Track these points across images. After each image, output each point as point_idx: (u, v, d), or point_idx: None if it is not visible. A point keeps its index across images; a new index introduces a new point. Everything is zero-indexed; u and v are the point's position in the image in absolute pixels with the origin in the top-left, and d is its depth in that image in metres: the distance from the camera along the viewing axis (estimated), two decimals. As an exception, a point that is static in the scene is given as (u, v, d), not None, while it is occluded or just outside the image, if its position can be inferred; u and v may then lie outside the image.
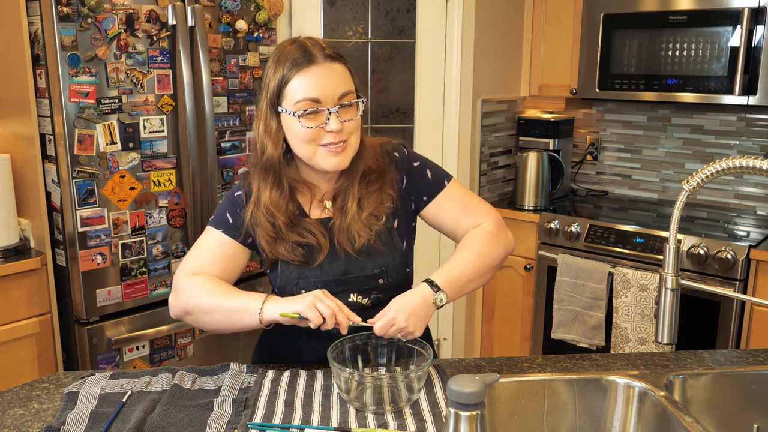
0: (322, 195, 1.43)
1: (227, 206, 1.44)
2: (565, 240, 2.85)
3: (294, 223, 1.37)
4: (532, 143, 3.29)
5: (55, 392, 1.31)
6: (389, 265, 1.41)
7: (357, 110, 1.34)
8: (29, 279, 2.20)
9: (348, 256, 1.38)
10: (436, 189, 1.46)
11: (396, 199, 1.43)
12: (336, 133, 1.30)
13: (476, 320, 3.30)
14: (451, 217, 1.47)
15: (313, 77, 1.29)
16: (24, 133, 2.21)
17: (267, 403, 1.24)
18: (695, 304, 2.53)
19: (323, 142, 1.31)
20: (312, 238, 1.37)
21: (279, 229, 1.36)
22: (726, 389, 1.39)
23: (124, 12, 2.17)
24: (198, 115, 2.35)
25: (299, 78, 1.29)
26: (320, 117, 1.30)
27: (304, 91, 1.29)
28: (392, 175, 1.43)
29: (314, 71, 1.29)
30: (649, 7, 2.78)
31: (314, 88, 1.28)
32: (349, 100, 1.32)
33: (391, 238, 1.42)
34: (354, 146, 1.36)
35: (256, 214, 1.37)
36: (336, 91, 1.30)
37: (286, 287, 1.40)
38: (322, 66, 1.30)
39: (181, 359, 2.46)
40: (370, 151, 1.41)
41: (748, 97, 2.58)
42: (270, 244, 1.37)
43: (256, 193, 1.39)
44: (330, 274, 1.38)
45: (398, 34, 2.98)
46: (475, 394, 0.89)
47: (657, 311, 1.27)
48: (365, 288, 1.40)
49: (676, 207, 1.22)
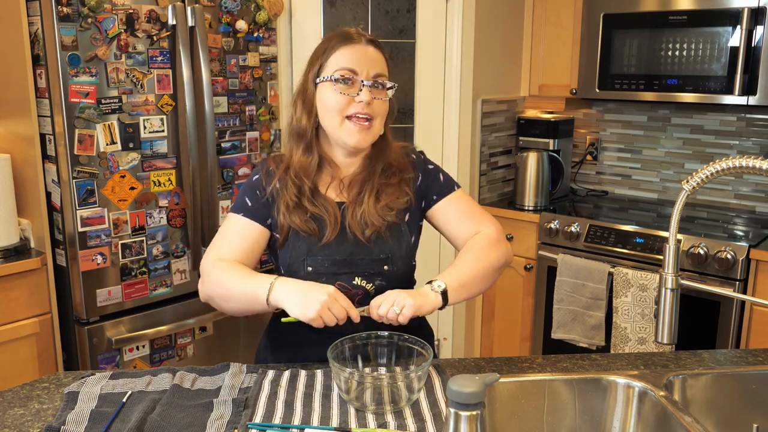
0: (342, 178, 1.49)
1: (246, 191, 1.50)
2: (565, 240, 2.85)
3: (315, 194, 1.45)
4: (532, 143, 3.29)
5: (55, 392, 1.31)
6: (395, 254, 1.45)
7: (387, 95, 1.44)
8: (29, 279, 2.20)
9: (357, 240, 1.43)
10: (446, 191, 1.54)
11: (411, 195, 1.50)
12: (365, 104, 1.39)
13: (476, 320, 3.30)
14: (455, 219, 1.53)
15: (353, 51, 1.42)
16: (24, 133, 2.21)
17: (267, 403, 1.24)
18: (695, 304, 2.53)
19: (350, 113, 1.40)
20: (326, 214, 1.43)
21: (302, 194, 1.43)
22: (726, 389, 1.39)
23: (124, 12, 2.17)
24: (198, 115, 2.35)
25: (340, 51, 1.42)
26: (354, 87, 1.40)
27: (343, 61, 1.41)
28: (410, 173, 1.51)
29: (355, 47, 1.42)
30: (649, 7, 2.78)
31: (353, 59, 1.41)
32: (383, 80, 1.43)
33: (400, 229, 1.47)
34: (377, 130, 1.45)
35: (284, 180, 1.45)
36: (372, 69, 1.41)
37: (294, 263, 1.44)
38: (363, 46, 1.43)
39: (181, 359, 2.46)
40: (394, 150, 1.51)
41: (748, 97, 2.59)
42: (289, 210, 1.43)
43: (286, 161, 1.48)
44: (337, 254, 1.43)
45: (398, 34, 2.98)
46: (475, 394, 0.89)
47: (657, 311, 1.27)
48: (370, 272, 1.43)
49: (676, 207, 1.22)
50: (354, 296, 1.41)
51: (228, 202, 2.52)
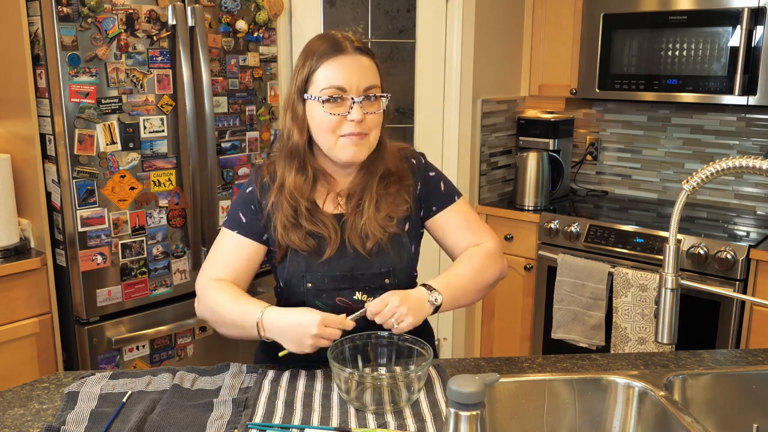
0: (339, 190, 1.44)
1: (240, 205, 1.45)
2: (565, 240, 2.85)
3: (312, 211, 1.39)
4: (532, 143, 3.29)
5: (55, 392, 1.31)
6: (397, 266, 1.42)
7: (380, 105, 1.37)
8: (29, 279, 2.20)
9: (357, 254, 1.40)
10: (447, 202, 1.50)
11: (411, 203, 1.45)
12: (357, 123, 1.33)
13: (476, 320, 3.30)
14: (454, 231, 1.50)
15: (340, 66, 1.32)
16: (24, 133, 2.21)
17: (267, 403, 1.24)
18: (695, 304, 2.53)
19: (343, 133, 1.34)
20: (324, 230, 1.39)
21: (299, 215, 1.38)
22: (726, 389, 1.39)
23: (124, 12, 2.17)
24: (198, 115, 2.35)
25: (327, 66, 1.33)
26: (344, 105, 1.33)
27: (330, 78, 1.32)
28: (409, 180, 1.46)
29: (342, 60, 1.33)
30: (649, 7, 2.78)
31: (340, 76, 1.32)
32: (374, 93, 1.35)
33: (401, 240, 1.44)
34: (372, 142, 1.38)
35: (279, 199, 1.39)
36: (361, 83, 1.33)
37: (293, 279, 1.41)
38: (351, 57, 1.34)
39: (181, 359, 2.46)
40: (390, 155, 1.45)
41: (748, 97, 2.58)
42: (286, 229, 1.38)
43: (280, 179, 1.41)
44: (337, 269, 1.39)
45: (398, 34, 2.98)
46: (475, 394, 0.89)
47: (657, 311, 1.27)
48: (371, 287, 1.41)
49: (676, 207, 1.22)
50: (354, 311, 1.36)
51: (228, 202, 2.52)
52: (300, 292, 1.40)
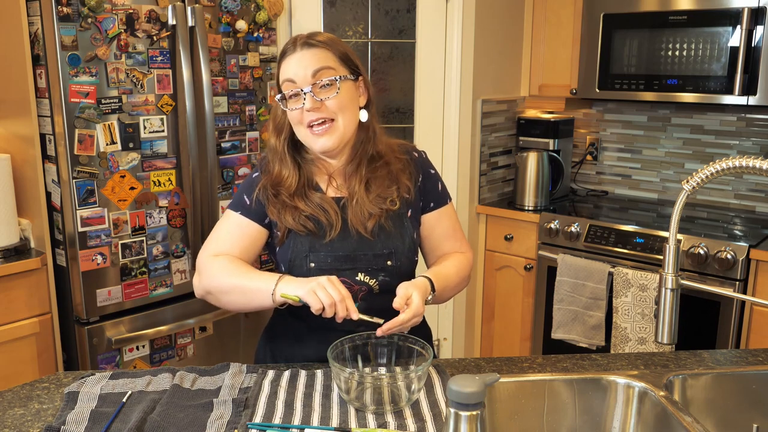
0: (332, 172, 1.48)
1: (245, 189, 1.49)
2: (565, 240, 2.85)
3: (300, 194, 1.44)
4: (532, 143, 3.29)
5: (55, 392, 1.31)
6: (399, 249, 1.44)
7: (338, 88, 1.38)
8: (29, 279, 2.20)
9: (360, 236, 1.43)
10: (442, 201, 1.55)
11: (412, 189, 1.49)
12: (314, 111, 1.37)
13: (476, 320, 3.30)
14: (441, 233, 1.55)
15: (289, 61, 1.39)
16: (24, 133, 2.21)
17: (267, 403, 1.24)
18: (695, 304, 2.53)
19: (308, 123, 1.39)
20: (323, 214, 1.42)
21: (284, 200, 1.43)
22: (726, 389, 1.39)
23: (124, 12, 2.17)
24: (198, 115, 2.35)
25: (282, 66, 1.41)
26: (299, 98, 1.38)
27: (282, 74, 1.40)
28: (410, 168, 1.50)
29: (291, 57, 1.39)
30: (649, 7, 2.78)
31: (290, 70, 1.39)
32: (325, 76, 1.37)
33: (403, 223, 1.47)
34: (342, 126, 1.41)
35: (267, 186, 1.45)
36: (308, 71, 1.37)
37: (296, 259, 1.43)
38: (299, 52, 1.39)
39: (181, 359, 2.46)
40: (384, 140, 1.49)
41: (748, 97, 2.58)
42: (280, 212, 1.43)
43: (269, 169, 1.48)
44: (340, 250, 1.42)
45: (398, 34, 2.98)
46: (475, 394, 0.89)
47: (657, 311, 1.27)
48: (373, 268, 1.43)
49: (676, 207, 1.22)
50: (357, 292, 1.41)
51: (228, 202, 2.52)
52: (303, 273, 1.41)
